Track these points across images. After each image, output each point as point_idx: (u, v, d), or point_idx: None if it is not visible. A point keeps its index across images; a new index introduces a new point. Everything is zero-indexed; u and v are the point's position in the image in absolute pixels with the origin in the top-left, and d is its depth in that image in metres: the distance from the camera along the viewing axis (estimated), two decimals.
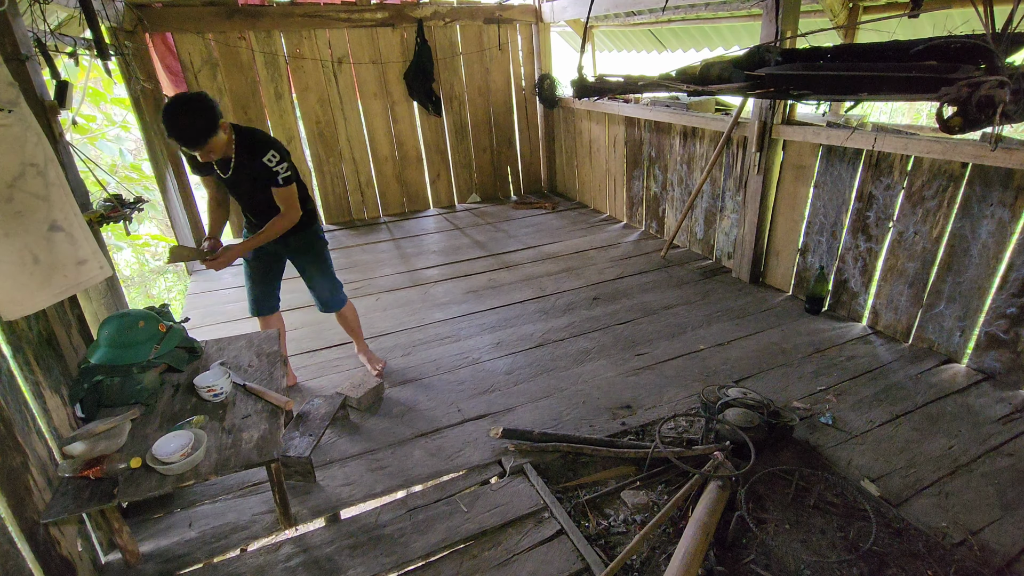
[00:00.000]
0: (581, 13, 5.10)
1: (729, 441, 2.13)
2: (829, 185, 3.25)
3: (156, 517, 2.09)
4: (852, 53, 1.67)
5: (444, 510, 2.07)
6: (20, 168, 1.65)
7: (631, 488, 2.11)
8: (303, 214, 2.55)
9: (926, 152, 2.67)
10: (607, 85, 2.38)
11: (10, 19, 2.11)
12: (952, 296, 2.77)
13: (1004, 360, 2.63)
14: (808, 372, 2.82)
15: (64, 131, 2.41)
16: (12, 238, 1.60)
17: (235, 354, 2.45)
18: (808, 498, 2.00)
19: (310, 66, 5.02)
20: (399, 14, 5.15)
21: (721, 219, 4.11)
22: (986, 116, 1.15)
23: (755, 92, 1.83)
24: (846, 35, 3.99)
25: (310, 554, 1.92)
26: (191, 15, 4.46)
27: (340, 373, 2.99)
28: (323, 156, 5.34)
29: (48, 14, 2.61)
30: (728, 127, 3.69)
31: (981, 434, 2.34)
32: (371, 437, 2.48)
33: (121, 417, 1.91)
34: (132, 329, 2.10)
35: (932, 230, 2.79)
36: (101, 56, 2.67)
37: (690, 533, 1.76)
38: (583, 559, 1.84)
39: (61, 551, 1.66)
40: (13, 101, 1.65)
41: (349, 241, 5.14)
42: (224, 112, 4.81)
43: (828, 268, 3.36)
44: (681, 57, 5.60)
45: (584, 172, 5.82)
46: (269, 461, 1.81)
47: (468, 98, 5.77)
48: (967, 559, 1.79)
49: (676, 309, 3.54)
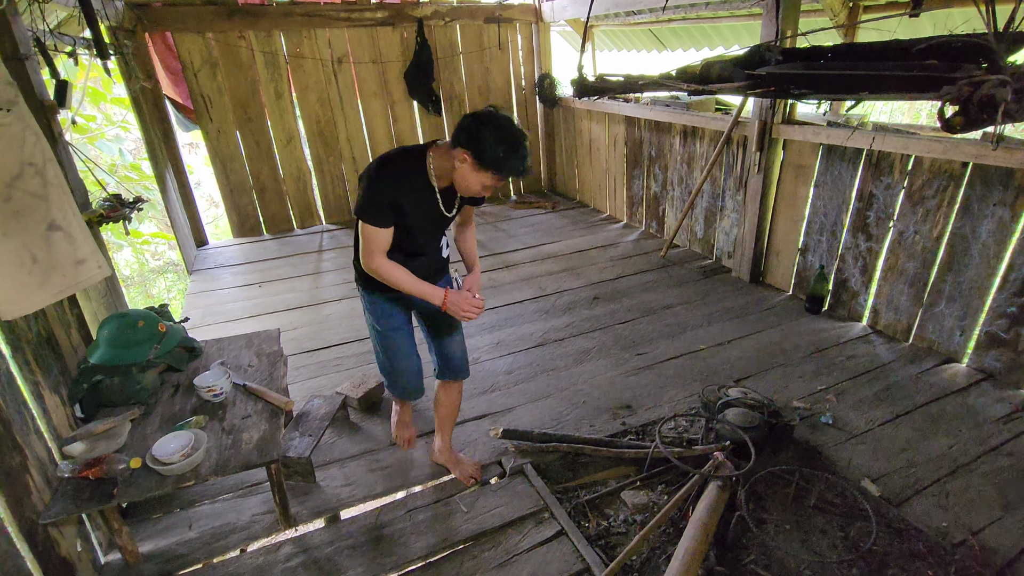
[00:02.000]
0: (581, 12, 5.10)
1: (729, 441, 2.13)
2: (829, 184, 3.24)
3: (156, 517, 2.08)
4: (853, 52, 1.67)
5: (444, 510, 2.07)
6: (18, 167, 1.64)
7: (631, 488, 2.11)
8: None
9: (926, 151, 2.67)
10: (607, 84, 2.38)
11: (9, 18, 2.10)
12: (952, 295, 2.77)
13: (1004, 360, 2.62)
14: (808, 372, 2.82)
15: (63, 131, 2.41)
16: (10, 238, 1.60)
17: (235, 354, 2.44)
18: (808, 498, 1.99)
19: (310, 65, 5.02)
20: (399, 13, 5.14)
21: (721, 218, 4.10)
22: (988, 115, 1.14)
23: (756, 91, 1.83)
24: (846, 34, 3.98)
25: (310, 554, 1.91)
26: (191, 14, 4.45)
27: (340, 373, 2.99)
28: (323, 156, 5.33)
29: (47, 13, 2.60)
30: (728, 126, 3.69)
31: (981, 434, 2.34)
32: (371, 437, 2.48)
33: (121, 417, 1.91)
34: (132, 329, 2.09)
35: (932, 229, 2.79)
36: (101, 55, 2.66)
37: (690, 533, 1.75)
38: (583, 559, 1.84)
39: (60, 551, 1.65)
40: (12, 100, 1.65)
41: (349, 241, 5.13)
42: (224, 112, 4.84)
43: (828, 268, 3.36)
44: (681, 56, 5.59)
45: (584, 171, 5.81)
46: (269, 461, 1.81)
47: (468, 97, 5.76)
48: (967, 559, 1.79)
49: (676, 309, 3.54)
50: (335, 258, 4.74)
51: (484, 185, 1.67)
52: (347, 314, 3.66)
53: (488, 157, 1.56)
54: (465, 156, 1.57)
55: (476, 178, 1.63)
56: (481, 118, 1.57)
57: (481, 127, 1.56)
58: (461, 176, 1.64)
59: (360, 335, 3.36)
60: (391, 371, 2.16)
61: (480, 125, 1.56)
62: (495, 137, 1.55)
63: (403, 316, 2.08)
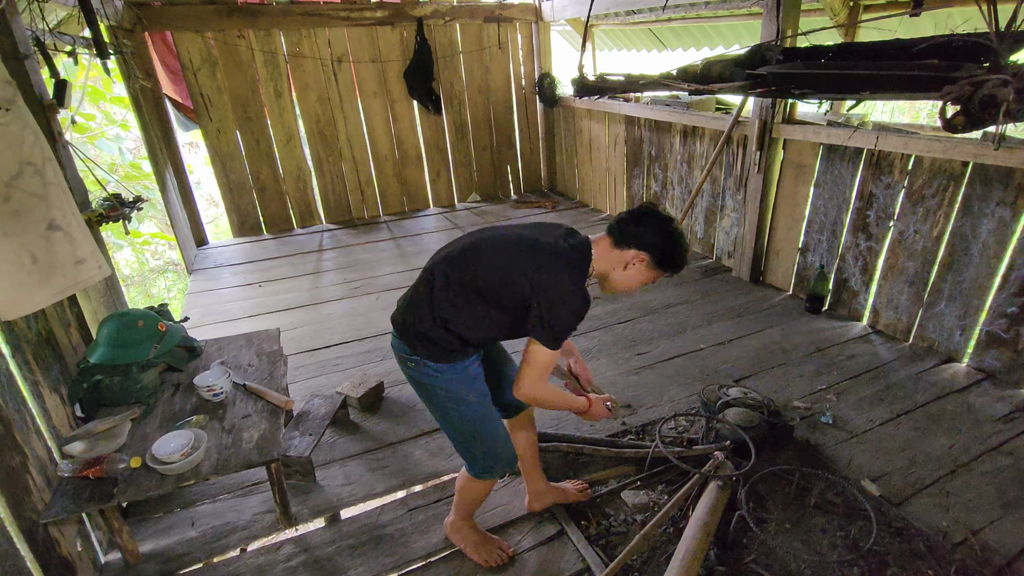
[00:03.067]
0: (581, 12, 5.09)
1: (729, 441, 2.13)
2: (830, 184, 3.24)
3: (156, 517, 2.08)
4: (853, 52, 1.67)
5: (444, 510, 2.06)
6: (18, 167, 1.64)
7: (631, 488, 2.11)
8: None
9: (927, 151, 2.67)
10: (607, 84, 2.38)
11: (9, 17, 2.10)
12: (952, 295, 2.77)
13: (1004, 359, 2.62)
14: (808, 371, 2.82)
15: (63, 130, 2.41)
16: (10, 237, 1.60)
17: (235, 353, 2.44)
18: (809, 498, 1.99)
19: (310, 65, 5.01)
20: (399, 13, 5.14)
21: (721, 218, 4.10)
22: (989, 115, 1.14)
23: (756, 91, 1.83)
24: (847, 34, 3.98)
25: (310, 554, 1.91)
26: (190, 13, 4.45)
27: (340, 372, 2.99)
28: (323, 155, 5.33)
29: (47, 13, 2.60)
30: (728, 126, 3.69)
31: (981, 433, 2.34)
32: (371, 437, 2.48)
33: (121, 417, 1.91)
34: (131, 328, 2.09)
35: (933, 229, 2.79)
36: (100, 55, 2.66)
37: (690, 533, 1.75)
38: (583, 559, 1.84)
39: (61, 551, 1.65)
40: (11, 100, 1.65)
41: (349, 240, 5.13)
42: (223, 111, 4.84)
43: (828, 267, 3.36)
44: (682, 56, 5.59)
45: (584, 171, 5.81)
46: (269, 461, 1.80)
47: (468, 97, 5.76)
48: (967, 558, 1.79)
49: (676, 308, 3.54)
50: (335, 257, 4.74)
51: (646, 283, 1.59)
52: (347, 314, 3.66)
53: (669, 260, 1.50)
54: (643, 257, 1.49)
55: (646, 277, 1.55)
56: (657, 220, 1.50)
57: (659, 230, 1.49)
58: (628, 276, 1.53)
59: (360, 335, 3.36)
60: (494, 442, 1.67)
61: (659, 227, 1.49)
62: (674, 241, 1.49)
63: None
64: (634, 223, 1.48)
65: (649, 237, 1.48)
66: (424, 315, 1.53)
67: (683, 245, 1.51)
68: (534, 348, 1.46)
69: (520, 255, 1.48)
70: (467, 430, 1.65)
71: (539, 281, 1.43)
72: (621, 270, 1.51)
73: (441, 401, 1.61)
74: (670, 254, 1.49)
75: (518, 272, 1.45)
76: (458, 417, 1.63)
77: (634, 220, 1.49)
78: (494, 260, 1.49)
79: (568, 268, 1.46)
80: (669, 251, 1.48)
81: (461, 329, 1.52)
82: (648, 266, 1.51)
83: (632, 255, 1.49)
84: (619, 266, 1.50)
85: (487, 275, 1.49)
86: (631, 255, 1.49)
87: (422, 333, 1.53)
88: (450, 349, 1.54)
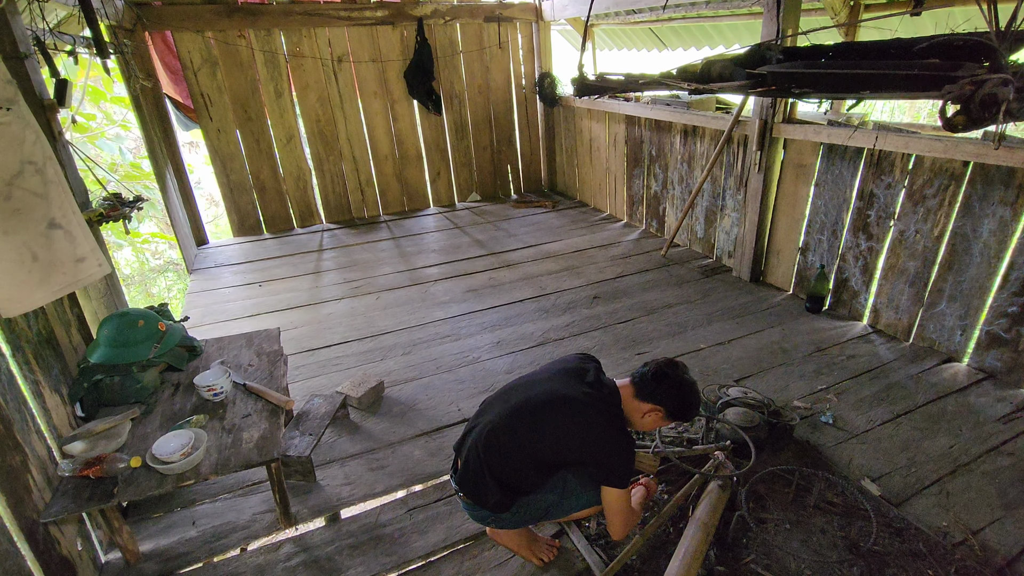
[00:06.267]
0: (581, 11, 5.09)
1: (730, 440, 2.13)
2: (830, 184, 3.24)
3: (156, 516, 2.08)
4: (854, 51, 1.67)
5: (444, 510, 2.07)
6: (18, 166, 1.64)
7: None
8: None
9: (927, 151, 2.66)
10: (608, 83, 2.37)
11: (9, 17, 2.10)
12: (953, 295, 2.77)
13: (1005, 359, 2.62)
14: (809, 371, 2.82)
15: (63, 129, 2.41)
16: (10, 236, 1.60)
17: (235, 353, 2.44)
18: (809, 498, 1.99)
19: (310, 64, 5.01)
20: (399, 12, 5.14)
21: (722, 218, 4.10)
22: (990, 114, 1.14)
23: (757, 90, 1.83)
24: (847, 33, 3.99)
25: (310, 554, 1.91)
26: (190, 13, 4.45)
27: (340, 372, 2.99)
28: (323, 155, 5.33)
29: (47, 12, 2.60)
30: (729, 125, 3.68)
31: (982, 433, 2.33)
32: (371, 436, 2.48)
33: (121, 416, 1.91)
34: (132, 328, 2.09)
35: (933, 229, 2.78)
36: (100, 54, 2.66)
37: (690, 533, 1.75)
38: (583, 559, 1.84)
39: (61, 550, 1.65)
40: (11, 99, 1.65)
41: (349, 240, 5.13)
42: (224, 111, 4.84)
43: (829, 267, 3.36)
44: (682, 55, 5.59)
45: (584, 171, 5.81)
46: (269, 460, 1.80)
47: (468, 97, 5.76)
48: (968, 558, 1.79)
49: (676, 308, 3.54)
50: (335, 257, 4.74)
51: (660, 427, 1.86)
52: (347, 314, 3.66)
53: (681, 414, 1.73)
54: (660, 411, 1.70)
55: (662, 423, 1.76)
56: (675, 384, 1.70)
57: (676, 392, 1.69)
58: (645, 422, 1.74)
59: (360, 334, 3.37)
60: (569, 493, 1.81)
61: (675, 390, 1.69)
62: (687, 402, 1.71)
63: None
64: (654, 381, 1.69)
65: (665, 396, 1.69)
66: (492, 490, 1.70)
67: (694, 403, 1.72)
68: (611, 494, 1.66)
69: (564, 423, 1.67)
70: (549, 507, 1.79)
71: (591, 443, 1.64)
72: (639, 417, 1.72)
73: (534, 516, 1.79)
74: (683, 411, 1.72)
75: (568, 447, 1.67)
76: (543, 510, 1.79)
77: (655, 379, 1.70)
78: (539, 435, 1.68)
79: (609, 420, 1.66)
80: (682, 409, 1.71)
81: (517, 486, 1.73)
82: (663, 416, 1.73)
83: (649, 408, 1.70)
84: (638, 414, 1.72)
85: (537, 453, 1.69)
86: (648, 407, 1.70)
87: (498, 503, 1.72)
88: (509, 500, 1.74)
